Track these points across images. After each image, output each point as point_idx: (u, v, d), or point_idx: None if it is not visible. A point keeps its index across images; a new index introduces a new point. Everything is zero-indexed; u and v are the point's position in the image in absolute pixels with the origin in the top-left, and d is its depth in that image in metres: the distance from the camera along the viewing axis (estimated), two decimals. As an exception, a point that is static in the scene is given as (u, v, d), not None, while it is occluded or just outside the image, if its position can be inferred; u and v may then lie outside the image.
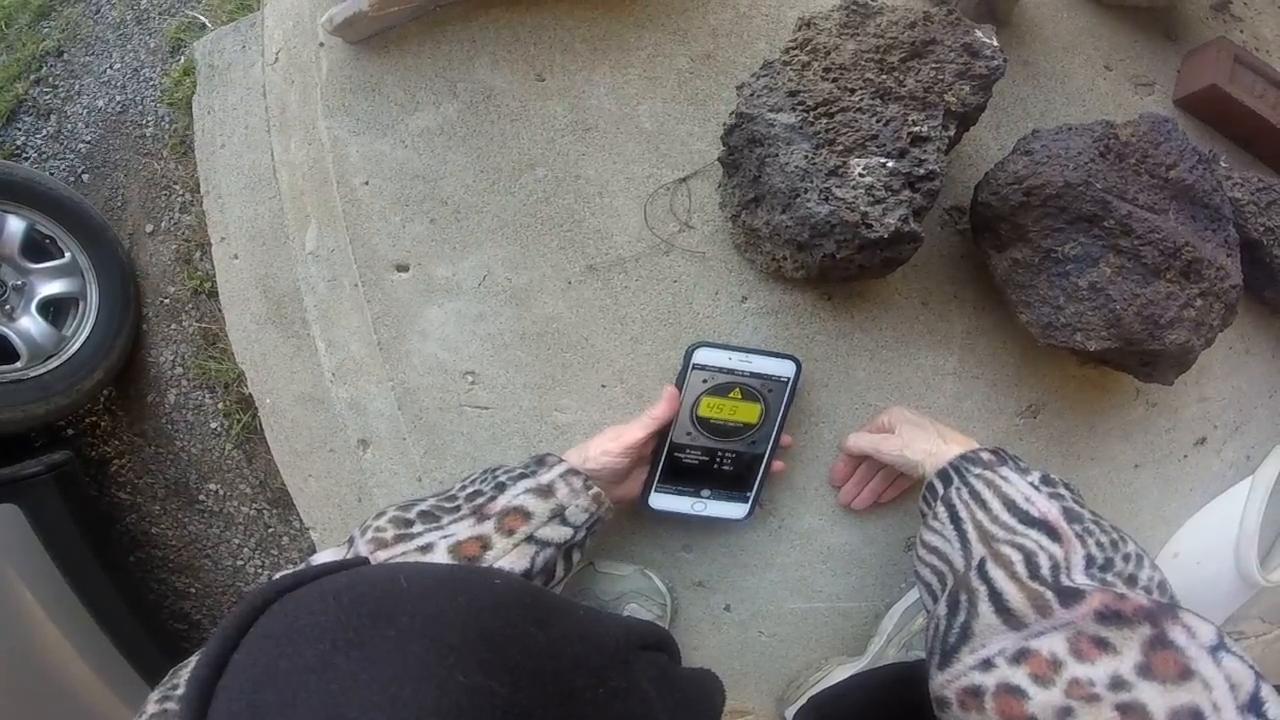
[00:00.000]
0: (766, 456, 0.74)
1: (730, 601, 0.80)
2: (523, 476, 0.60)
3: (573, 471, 0.61)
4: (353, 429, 0.81)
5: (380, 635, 0.32)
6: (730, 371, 0.70)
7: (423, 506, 0.57)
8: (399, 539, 0.52)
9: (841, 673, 0.78)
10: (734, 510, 0.75)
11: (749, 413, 0.72)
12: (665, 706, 0.46)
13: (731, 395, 0.71)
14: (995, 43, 0.67)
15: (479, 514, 0.56)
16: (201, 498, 1.34)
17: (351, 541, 0.54)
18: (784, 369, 0.71)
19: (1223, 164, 0.84)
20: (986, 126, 0.80)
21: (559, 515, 0.58)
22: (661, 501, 0.73)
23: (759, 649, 0.81)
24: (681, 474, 0.73)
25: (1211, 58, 0.86)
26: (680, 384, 0.70)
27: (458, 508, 0.57)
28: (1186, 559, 0.88)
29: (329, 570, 0.37)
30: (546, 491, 0.59)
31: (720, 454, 0.73)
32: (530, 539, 0.55)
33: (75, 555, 1.19)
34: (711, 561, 0.79)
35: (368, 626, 0.33)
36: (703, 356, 0.70)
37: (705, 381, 0.70)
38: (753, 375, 0.71)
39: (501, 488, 0.59)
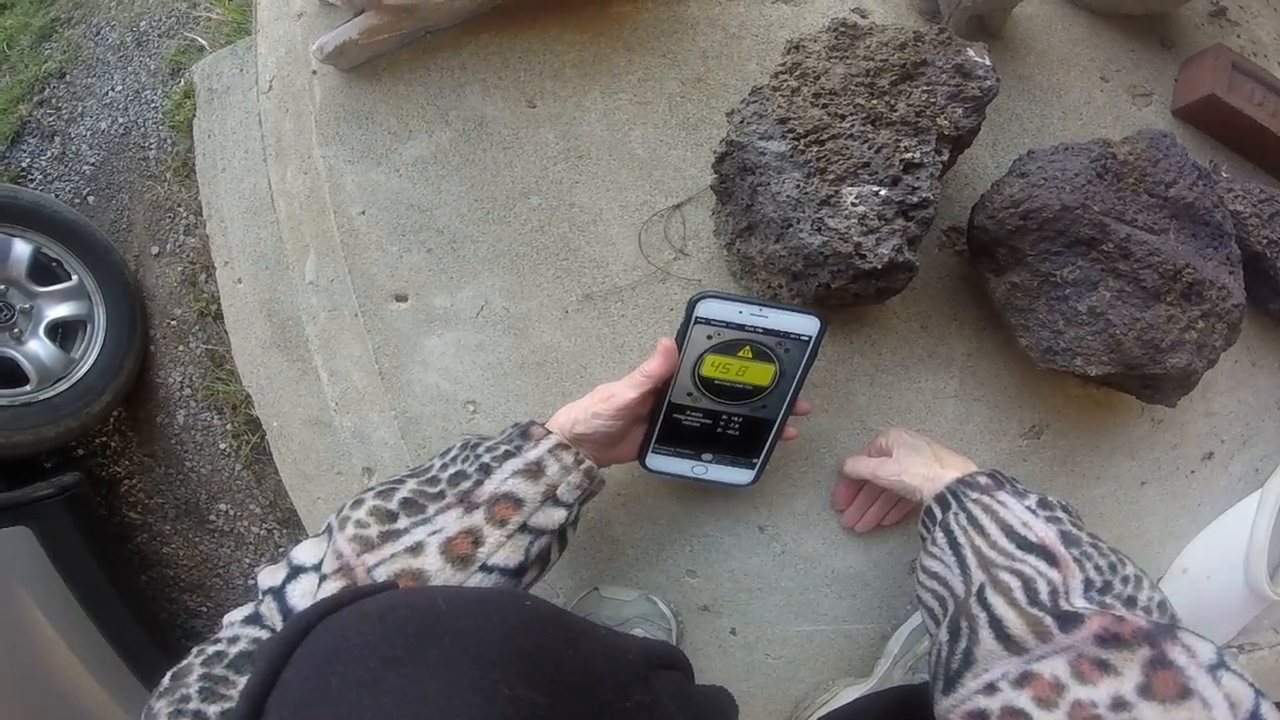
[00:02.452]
0: (778, 423, 0.66)
1: (736, 625, 0.80)
2: (509, 455, 0.56)
3: (562, 445, 0.57)
4: (357, 457, 0.81)
5: (426, 652, 0.34)
6: (740, 327, 0.61)
7: (404, 493, 0.54)
8: (385, 537, 0.50)
9: (848, 695, 0.78)
10: (738, 476, 0.70)
11: (760, 374, 0.63)
12: None
13: (741, 354, 0.62)
14: (988, 62, 0.66)
15: (466, 502, 0.53)
16: (212, 518, 1.35)
17: (329, 531, 0.51)
18: (805, 326, 0.61)
19: (1224, 175, 0.83)
20: (983, 144, 0.79)
21: (551, 497, 0.55)
22: (659, 463, 0.68)
23: (765, 672, 0.81)
24: (681, 436, 0.67)
25: (1209, 66, 0.84)
26: (681, 339, 0.62)
27: (441, 494, 0.54)
28: (1196, 574, 0.87)
29: (366, 594, 0.39)
30: (535, 471, 0.55)
31: (725, 417, 0.66)
32: (524, 528, 0.53)
33: (87, 576, 1.20)
34: (716, 586, 0.79)
35: (413, 644, 0.34)
36: (708, 309, 0.60)
37: (710, 338, 0.61)
38: (767, 332, 0.61)
39: (487, 470, 0.55)
